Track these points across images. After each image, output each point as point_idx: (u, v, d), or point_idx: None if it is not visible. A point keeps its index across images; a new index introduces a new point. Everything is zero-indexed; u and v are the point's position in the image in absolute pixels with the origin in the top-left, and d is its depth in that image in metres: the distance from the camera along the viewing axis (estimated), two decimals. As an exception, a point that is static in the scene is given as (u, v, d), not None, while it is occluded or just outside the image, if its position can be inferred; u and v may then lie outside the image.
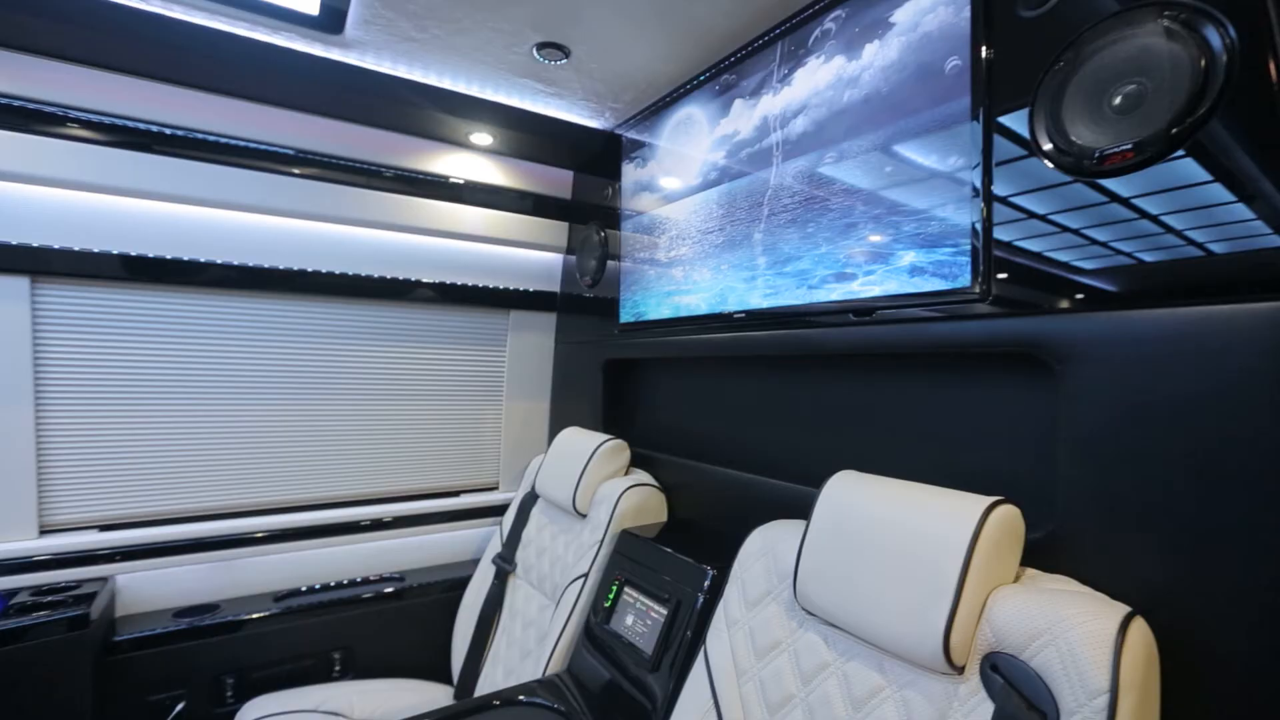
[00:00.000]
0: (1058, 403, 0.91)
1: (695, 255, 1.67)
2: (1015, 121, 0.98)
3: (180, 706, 1.68)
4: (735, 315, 1.52)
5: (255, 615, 1.81)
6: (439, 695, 1.86)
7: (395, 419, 2.19)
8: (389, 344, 2.16)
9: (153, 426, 1.84)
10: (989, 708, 0.78)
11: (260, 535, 1.96)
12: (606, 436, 1.80)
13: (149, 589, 1.79)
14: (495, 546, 2.01)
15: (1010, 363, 1.06)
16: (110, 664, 1.61)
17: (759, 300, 1.46)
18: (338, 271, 2.02)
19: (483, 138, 2.06)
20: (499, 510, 2.15)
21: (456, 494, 2.33)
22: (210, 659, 1.73)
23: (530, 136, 2.07)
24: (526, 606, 1.79)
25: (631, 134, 1.98)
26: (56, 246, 1.66)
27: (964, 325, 1.04)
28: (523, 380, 2.38)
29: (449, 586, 2.06)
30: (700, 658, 1.18)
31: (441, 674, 1.95)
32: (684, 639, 1.27)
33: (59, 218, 1.65)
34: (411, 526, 2.20)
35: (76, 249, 1.67)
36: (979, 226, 1.02)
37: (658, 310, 1.80)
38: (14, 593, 1.60)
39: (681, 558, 1.38)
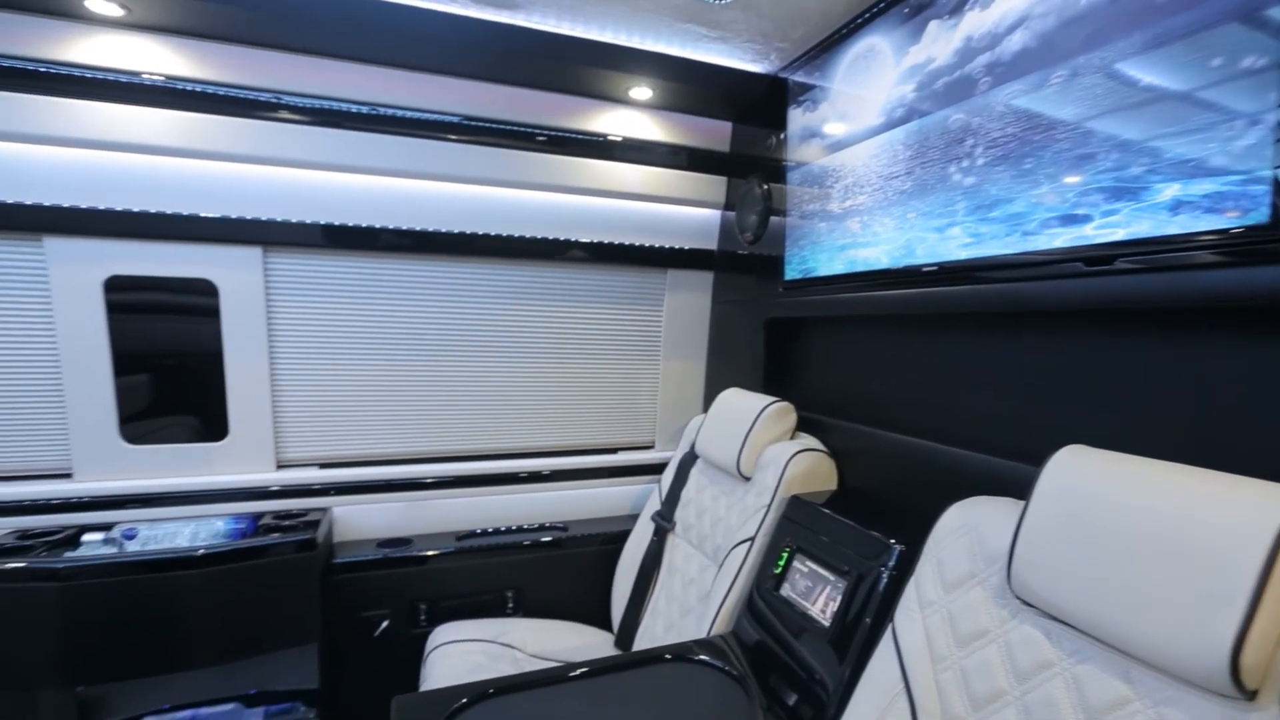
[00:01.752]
0: None
1: (875, 204, 1.52)
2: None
3: (385, 624, 1.91)
4: (925, 269, 1.37)
5: (440, 551, 2.00)
6: (601, 640, 1.95)
7: (559, 376, 2.29)
8: (552, 303, 2.24)
9: (357, 379, 2.07)
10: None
11: (444, 480, 2.15)
12: (772, 398, 1.73)
13: (357, 521, 2.05)
14: (654, 504, 2.04)
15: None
16: (331, 582, 1.86)
17: (955, 251, 1.29)
18: (506, 234, 2.10)
19: (642, 92, 2.02)
20: (655, 469, 2.17)
21: (614, 451, 2.39)
22: (406, 586, 1.95)
23: (689, 87, 1.99)
24: (686, 565, 1.80)
25: (799, 76, 1.83)
26: (279, 219, 1.88)
27: (1257, 272, 0.83)
28: (679, 340, 2.37)
29: (609, 539, 2.14)
30: (888, 637, 1.10)
31: (602, 620, 2.04)
32: (866, 614, 1.19)
33: (278, 193, 1.87)
34: (573, 480, 2.30)
35: (293, 220, 1.89)
36: (1290, 145, 0.80)
37: (829, 266, 1.68)
38: (260, 515, 1.90)
39: (863, 529, 1.29)
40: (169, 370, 1.89)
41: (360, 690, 1.91)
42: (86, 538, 1.70)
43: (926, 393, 1.49)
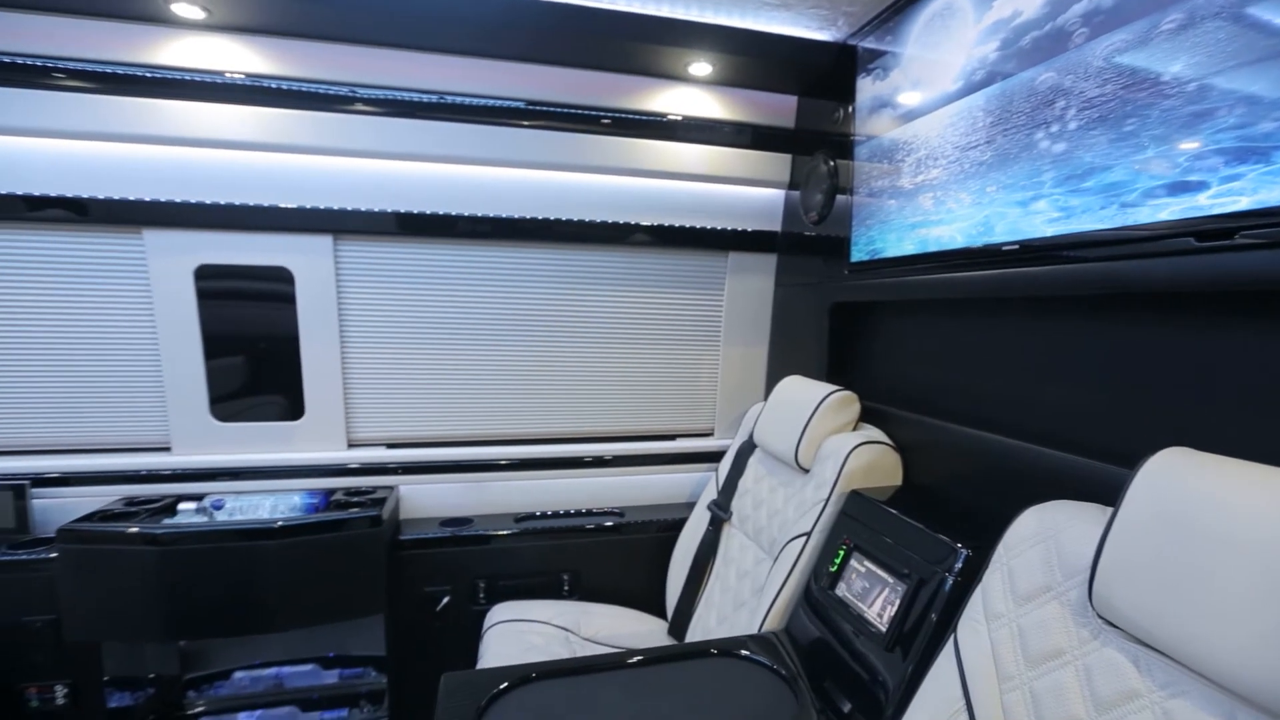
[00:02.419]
0: None
1: (951, 178, 1.39)
2: None
3: (446, 600, 1.98)
4: (1005, 248, 1.24)
5: (500, 532, 2.04)
6: (654, 628, 1.94)
7: (619, 361, 2.27)
8: (613, 288, 2.22)
9: (422, 363, 2.13)
10: None
11: (503, 462, 2.19)
12: (833, 387, 1.64)
13: (422, 499, 2.12)
14: (710, 493, 2.00)
15: None
16: (397, 557, 1.94)
17: (1040, 227, 1.16)
18: (568, 219, 2.09)
19: (701, 67, 1.94)
20: (713, 457, 2.12)
21: (673, 438, 2.36)
22: (467, 564, 2.00)
23: (751, 60, 1.90)
24: (741, 556, 1.75)
25: (869, 43, 1.70)
26: (350, 208, 1.95)
27: None
28: (740, 325, 2.30)
29: (665, 526, 2.12)
30: (949, 648, 1.01)
31: (656, 607, 2.03)
32: (927, 622, 1.11)
33: (347, 182, 1.93)
34: (631, 466, 2.29)
35: (361, 209, 1.95)
36: None
37: (898, 246, 1.56)
38: (332, 491, 2.00)
39: (926, 530, 1.20)
40: (252, 353, 2.02)
41: (423, 660, 1.99)
42: (182, 506, 1.85)
43: (1004, 384, 1.36)
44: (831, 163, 1.86)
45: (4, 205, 1.76)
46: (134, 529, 1.68)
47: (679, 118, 2.07)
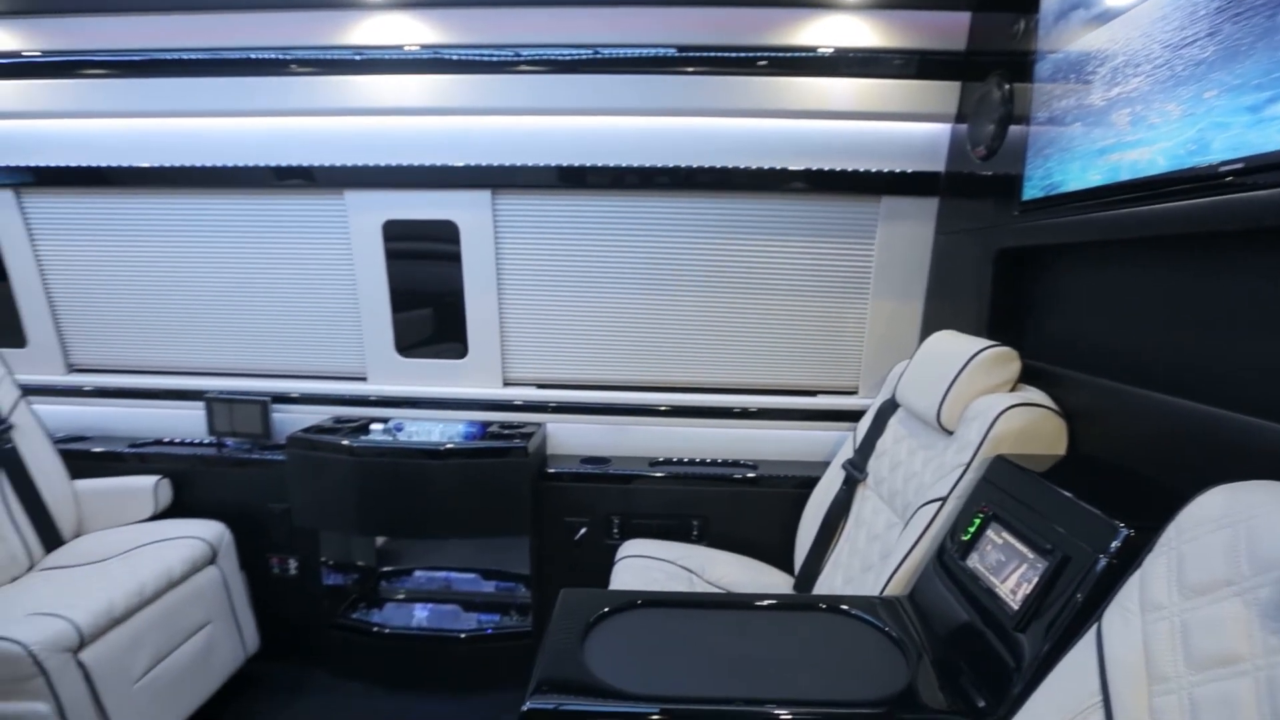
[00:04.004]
0: None
1: (1155, 88, 1.13)
2: None
3: (583, 531, 2.13)
4: (1223, 170, 0.99)
5: (635, 474, 2.14)
6: (779, 581, 1.92)
7: (760, 314, 2.22)
8: (755, 237, 2.16)
9: (572, 309, 2.26)
10: None
11: (643, 408, 2.28)
12: (989, 343, 1.46)
13: (566, 437, 2.29)
14: (847, 451, 1.90)
15: None
16: (542, 488, 2.12)
17: (1278, 138, 0.91)
18: (708, 166, 2.06)
19: (856, -12, 1.77)
20: (854, 416, 2.01)
21: (813, 394, 2.27)
22: (603, 500, 2.14)
23: None
24: (874, 519, 1.66)
25: (1066, -69, 1.42)
26: (509, 164, 2.10)
27: None
28: (892, 276, 2.11)
29: (799, 483, 2.06)
30: (1089, 637, 0.88)
31: (783, 563, 2.00)
32: (1068, 605, 0.97)
33: (505, 140, 2.08)
34: (768, 420, 2.26)
35: (520, 164, 2.09)
36: None
37: (1082, 177, 1.32)
38: (489, 423, 2.24)
39: (1081, 504, 1.04)
40: (427, 302, 2.30)
41: (562, 582, 2.18)
42: (373, 427, 2.20)
43: (1207, 341, 1.10)
44: (1007, 86, 1.60)
45: (258, 175, 2.17)
46: (340, 441, 2.03)
47: (832, 51, 1.91)
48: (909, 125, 1.97)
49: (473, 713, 2.02)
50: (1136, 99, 1.17)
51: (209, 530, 2.02)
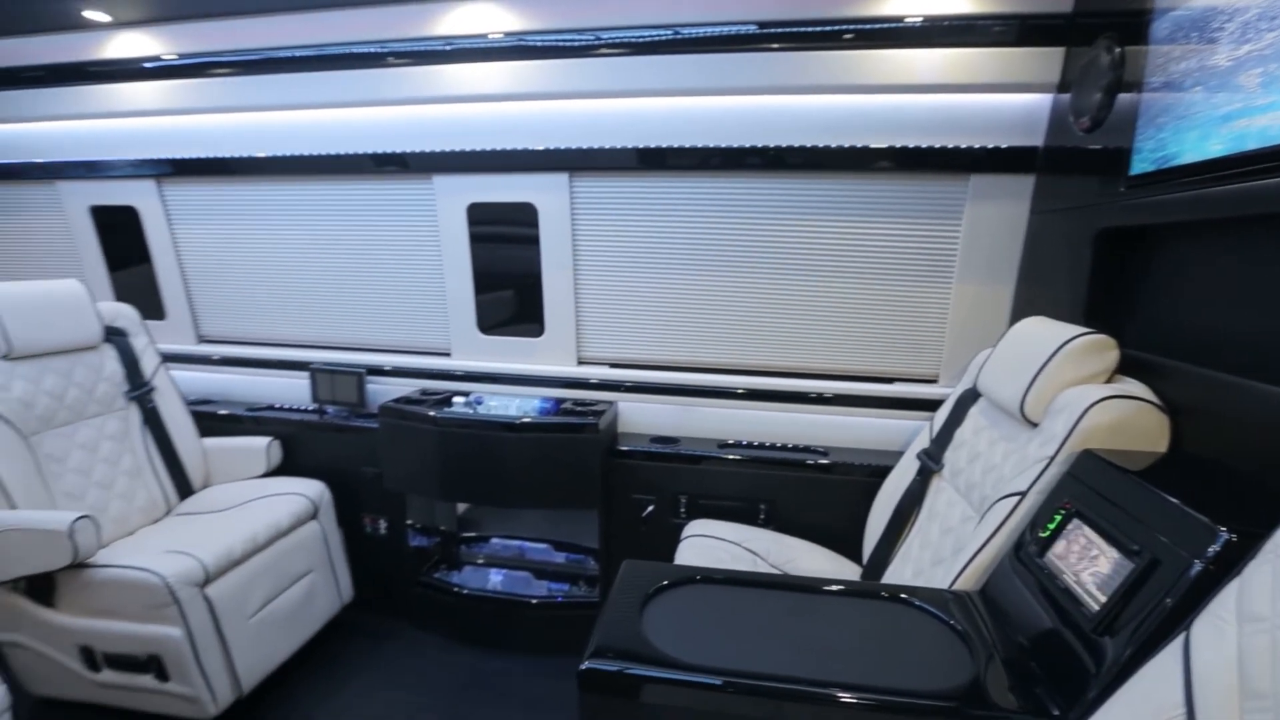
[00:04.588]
0: None
1: (1295, 43, 1.01)
2: None
3: (650, 508, 2.18)
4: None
5: (704, 455, 2.15)
6: (846, 570, 1.89)
7: (837, 297, 2.16)
8: (831, 218, 2.10)
9: (645, 291, 2.29)
10: None
11: (715, 390, 2.28)
12: (1082, 330, 1.36)
13: (636, 416, 2.33)
14: (922, 441, 1.83)
15: None
16: (611, 464, 2.18)
17: None
18: (784, 145, 2.02)
19: (951, -52, 1.67)
20: (932, 406, 1.92)
21: (890, 381, 2.19)
22: (671, 479, 2.16)
23: None
24: (948, 512, 1.59)
25: (1196, -128, 1.27)
26: (587, 147, 2.14)
27: None
28: (979, 259, 1.99)
29: (871, 472, 2.01)
30: (1175, 647, 0.82)
31: (851, 552, 1.96)
32: (1155, 610, 0.90)
33: (582, 122, 2.12)
34: (841, 406, 2.20)
35: (598, 146, 2.13)
36: None
37: (1200, 147, 1.19)
38: (563, 400, 2.31)
39: (1178, 505, 0.96)
40: (507, 283, 2.40)
41: (627, 558, 2.25)
42: (455, 400, 2.33)
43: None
44: (1117, 50, 1.46)
45: (358, 162, 2.33)
46: (426, 412, 2.17)
47: (921, 20, 1.81)
48: (1003, 97, 1.83)
49: (539, 673, 2.13)
50: (1270, 56, 1.05)
51: (311, 489, 2.22)
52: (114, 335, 2.21)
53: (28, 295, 1.99)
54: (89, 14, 2.21)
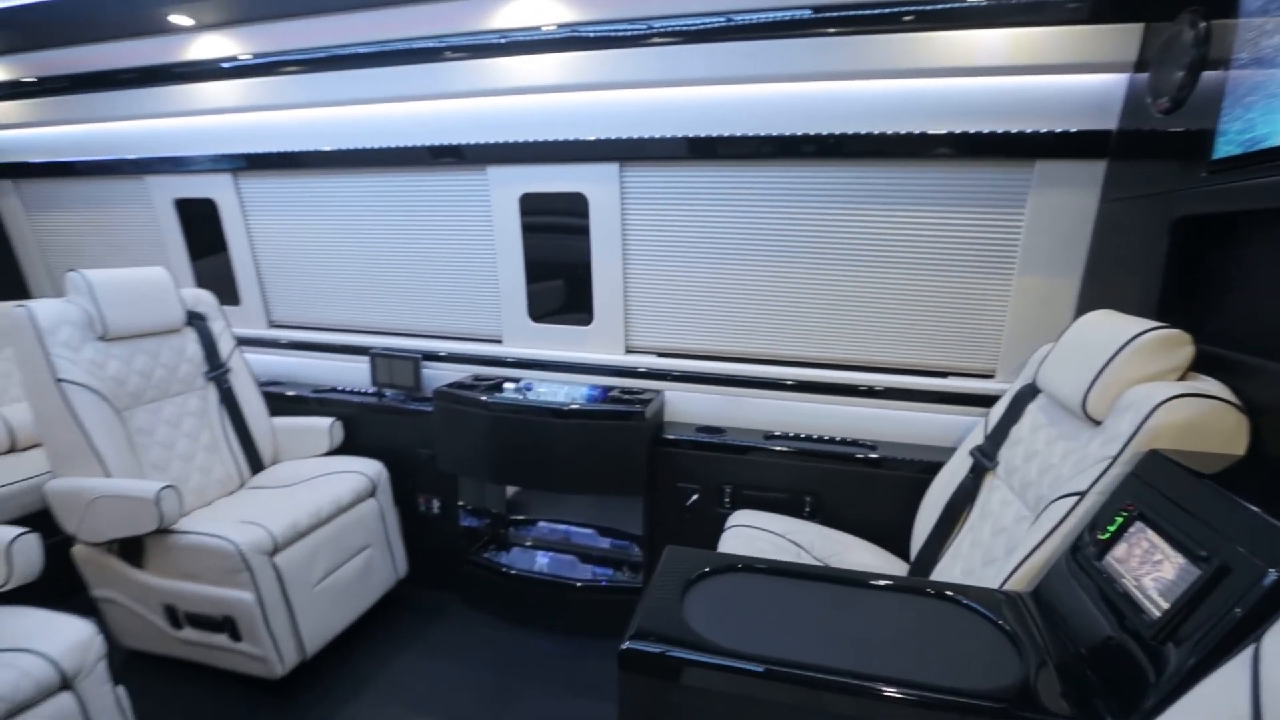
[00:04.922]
0: None
1: (1406, 13, 0.92)
2: None
3: (695, 497, 2.19)
4: None
5: (750, 445, 2.15)
6: (892, 566, 1.85)
7: (891, 289, 2.11)
8: (887, 206, 2.04)
9: (693, 281, 2.29)
10: None
11: (762, 380, 2.27)
12: (1153, 324, 1.29)
13: (682, 405, 2.34)
14: (976, 438, 1.77)
15: None
16: (657, 452, 2.20)
17: None
18: (836, 133, 1.98)
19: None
20: (987, 401, 1.86)
21: (944, 375, 2.13)
22: (716, 469, 2.17)
23: None
24: (1002, 511, 1.54)
25: None
26: (637, 137, 2.15)
27: None
28: (1042, 250, 1.90)
29: (922, 468, 1.96)
30: (1243, 659, 0.78)
31: (898, 549, 1.92)
32: (1223, 620, 0.86)
33: (630, 111, 2.13)
34: (892, 400, 2.16)
35: (650, 136, 2.13)
36: None
37: (1293, 129, 1.11)
38: (611, 388, 2.34)
39: (1253, 510, 0.91)
40: (558, 273, 2.44)
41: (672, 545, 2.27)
42: (506, 385, 2.39)
43: None
44: (1203, 25, 1.37)
45: (416, 155, 2.41)
46: (478, 397, 2.24)
47: (985, -1, 1.74)
48: (1073, 78, 1.74)
49: (582, 653, 2.18)
50: (1376, 30, 0.96)
51: (370, 468, 2.33)
52: (195, 319, 2.36)
53: (120, 282, 2.15)
54: (174, 18, 2.35)
